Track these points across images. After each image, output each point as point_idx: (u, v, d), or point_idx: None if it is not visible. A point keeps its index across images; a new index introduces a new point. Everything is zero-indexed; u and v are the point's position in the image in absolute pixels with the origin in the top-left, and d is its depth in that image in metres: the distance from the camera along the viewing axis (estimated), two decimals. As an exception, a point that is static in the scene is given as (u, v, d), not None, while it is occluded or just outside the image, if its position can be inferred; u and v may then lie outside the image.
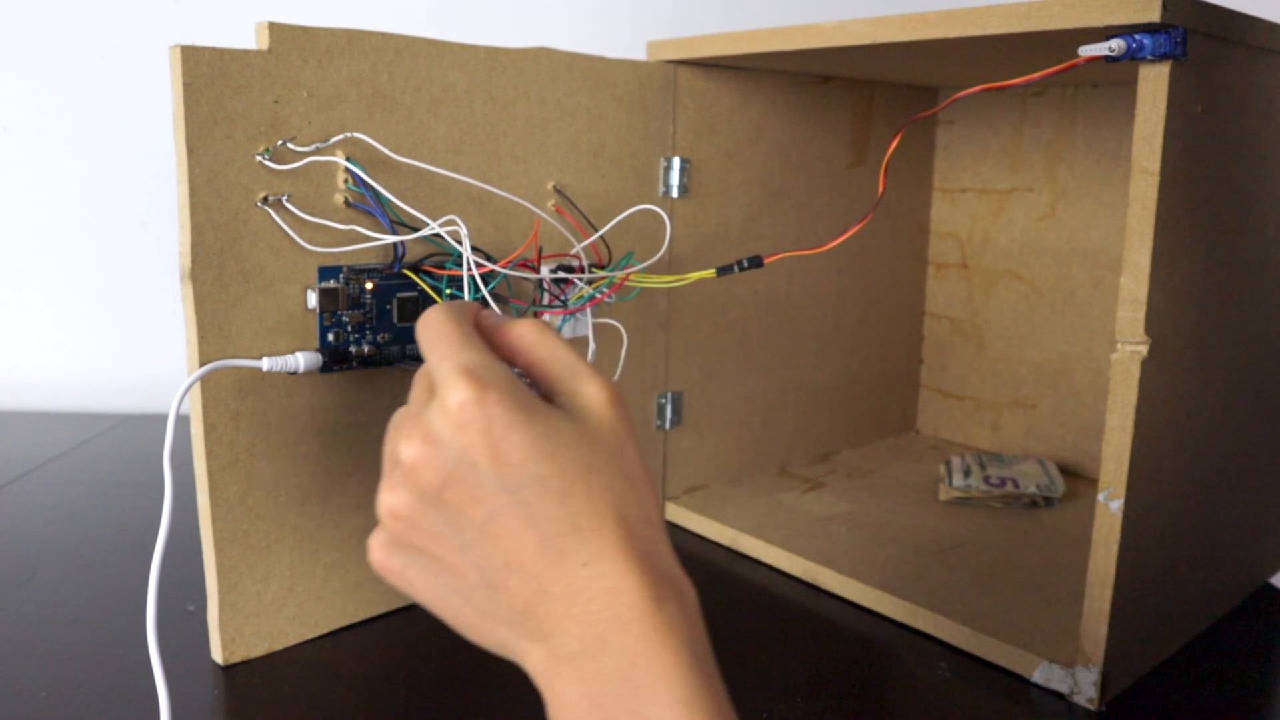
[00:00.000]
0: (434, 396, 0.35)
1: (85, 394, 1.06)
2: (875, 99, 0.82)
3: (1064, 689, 0.52)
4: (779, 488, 0.78)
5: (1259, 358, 0.57)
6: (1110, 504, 0.48)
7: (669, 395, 0.72)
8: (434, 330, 0.38)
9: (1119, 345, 0.47)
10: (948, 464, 0.80)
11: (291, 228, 0.51)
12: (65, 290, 1.04)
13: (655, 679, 0.33)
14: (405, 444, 0.35)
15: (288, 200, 0.50)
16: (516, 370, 0.38)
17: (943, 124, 0.88)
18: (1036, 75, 0.48)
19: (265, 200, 0.50)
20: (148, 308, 1.04)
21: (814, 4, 0.96)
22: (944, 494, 0.76)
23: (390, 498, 0.36)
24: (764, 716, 0.50)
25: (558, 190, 0.62)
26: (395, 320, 0.55)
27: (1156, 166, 0.45)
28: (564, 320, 0.61)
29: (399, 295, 0.55)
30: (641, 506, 0.36)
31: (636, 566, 0.34)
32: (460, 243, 0.52)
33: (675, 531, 0.73)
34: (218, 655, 0.53)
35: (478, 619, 0.36)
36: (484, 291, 0.53)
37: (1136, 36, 0.43)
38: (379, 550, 0.38)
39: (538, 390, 0.38)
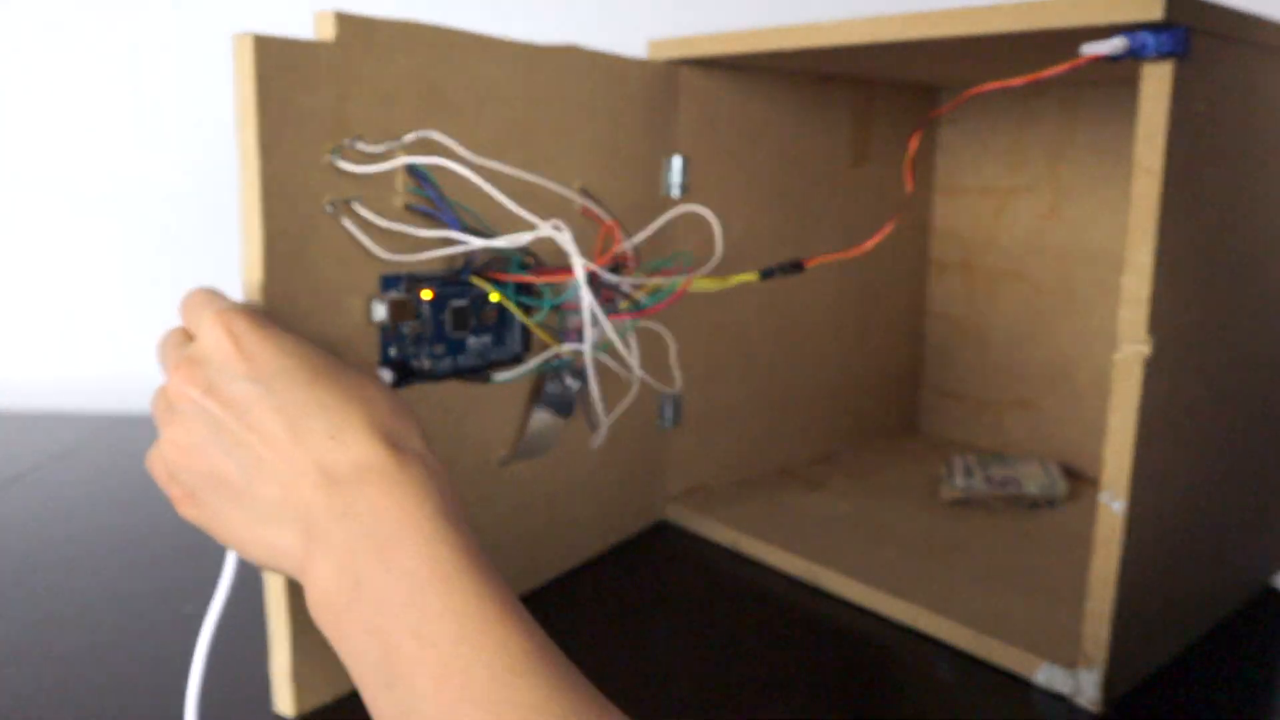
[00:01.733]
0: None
1: (85, 394, 1.06)
2: (875, 99, 0.82)
3: (1066, 690, 0.51)
4: (779, 488, 0.78)
5: (1262, 357, 0.57)
6: (1112, 505, 0.48)
7: (669, 395, 0.72)
8: (193, 299, 0.42)
9: (1121, 345, 0.47)
10: (949, 464, 0.80)
11: (363, 234, 0.47)
12: (65, 290, 1.04)
13: (401, 528, 0.34)
14: (170, 381, 0.39)
15: (358, 204, 0.47)
16: None
17: (944, 123, 0.88)
18: (1041, 75, 0.48)
19: (334, 205, 0.46)
20: (148, 308, 1.04)
21: (814, 4, 0.96)
22: (945, 494, 0.75)
23: (167, 432, 0.39)
24: (764, 716, 0.50)
25: (584, 192, 0.60)
26: (449, 331, 0.52)
27: (1159, 166, 0.45)
28: (630, 325, 0.58)
29: (452, 304, 0.52)
30: (389, 402, 0.38)
31: (382, 440, 0.36)
32: (562, 248, 0.48)
33: (675, 532, 0.73)
34: (288, 707, 0.49)
35: (246, 526, 0.37)
36: (590, 300, 0.49)
37: (1139, 35, 0.43)
38: (173, 486, 0.40)
39: None
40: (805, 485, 0.79)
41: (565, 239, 0.48)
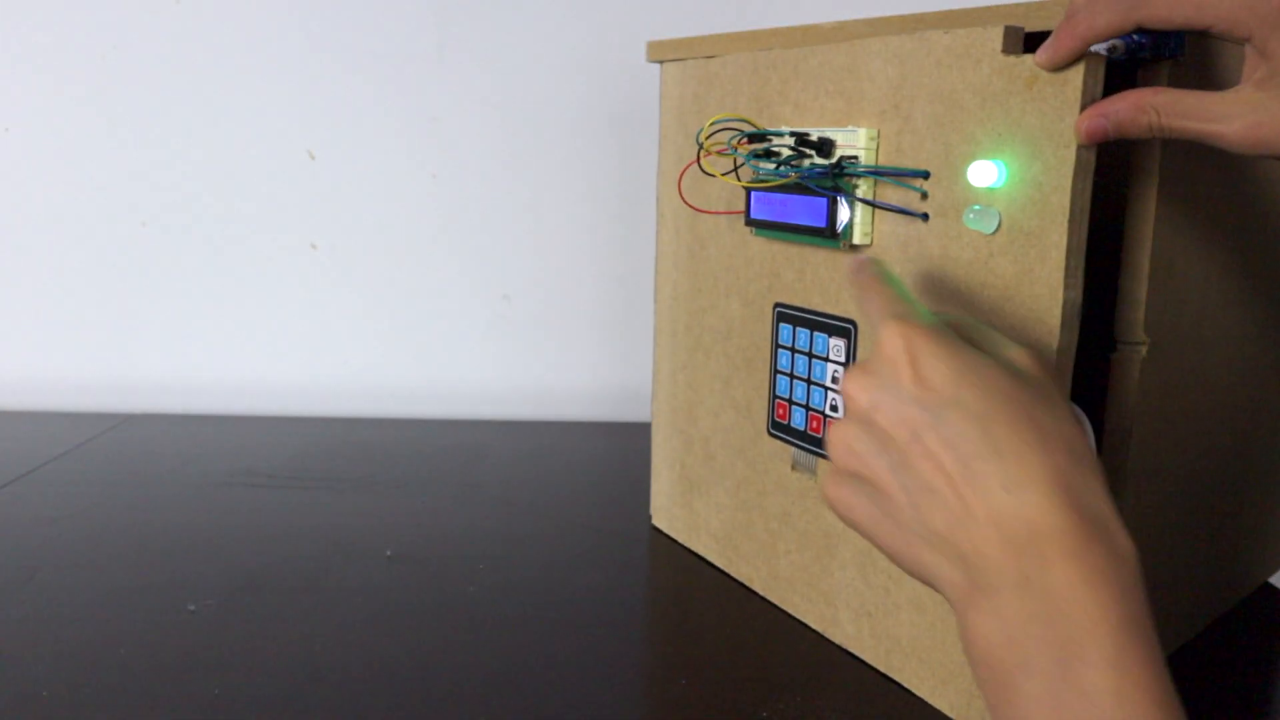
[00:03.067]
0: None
1: (85, 394, 1.06)
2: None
3: (1063, 688, 0.51)
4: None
5: (1258, 356, 0.57)
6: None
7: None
8: (871, 295, 0.40)
9: (1118, 345, 0.47)
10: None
11: None
12: (65, 290, 1.04)
13: (1083, 633, 0.31)
14: (843, 382, 0.38)
15: None
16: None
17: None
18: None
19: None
20: (148, 308, 1.05)
21: (814, 4, 0.96)
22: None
23: (834, 431, 0.39)
24: (764, 716, 0.50)
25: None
26: None
27: (1155, 166, 0.45)
28: None
29: None
30: (1068, 442, 0.34)
31: (1063, 501, 0.33)
32: None
33: (669, 535, 0.73)
34: None
35: (903, 542, 0.36)
36: None
37: (1135, 36, 0.43)
38: (829, 484, 0.39)
39: None
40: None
41: None
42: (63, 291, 1.04)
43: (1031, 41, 0.43)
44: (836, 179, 0.51)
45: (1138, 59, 0.44)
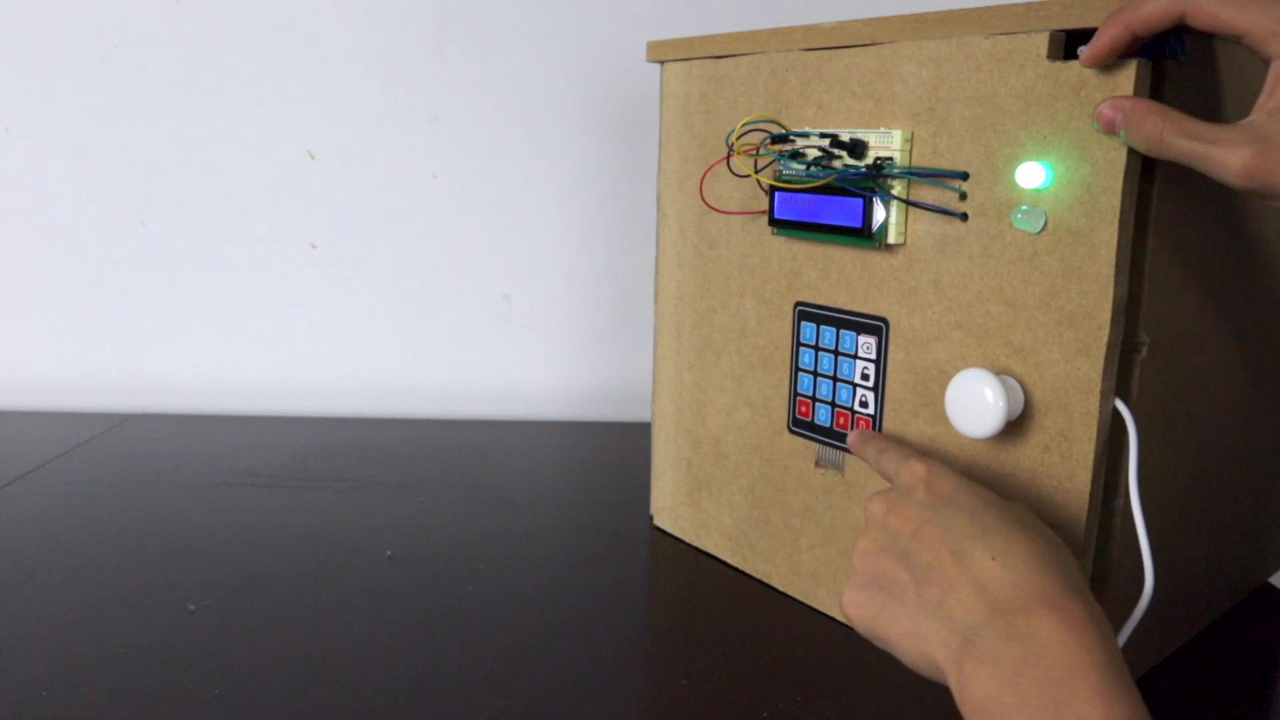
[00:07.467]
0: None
1: (85, 394, 1.06)
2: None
3: (1063, 688, 0.51)
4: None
5: (1259, 356, 0.57)
6: (1110, 504, 0.48)
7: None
8: (892, 452, 0.49)
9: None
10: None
11: None
12: (65, 290, 1.04)
13: (1071, 671, 0.34)
14: (869, 502, 0.46)
15: None
16: None
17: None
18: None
19: None
20: (148, 308, 1.05)
21: (814, 4, 0.96)
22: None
23: (856, 544, 0.45)
24: (764, 716, 0.50)
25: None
26: None
27: (1155, 166, 0.45)
28: None
29: None
30: (1047, 537, 0.40)
31: (1042, 569, 0.38)
32: None
33: (671, 535, 0.73)
34: None
35: (906, 619, 0.41)
36: None
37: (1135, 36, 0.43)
38: (846, 594, 0.44)
39: None
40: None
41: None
42: (63, 291, 1.04)
43: (1073, 41, 0.44)
44: (874, 180, 0.51)
45: (1137, 58, 0.44)
